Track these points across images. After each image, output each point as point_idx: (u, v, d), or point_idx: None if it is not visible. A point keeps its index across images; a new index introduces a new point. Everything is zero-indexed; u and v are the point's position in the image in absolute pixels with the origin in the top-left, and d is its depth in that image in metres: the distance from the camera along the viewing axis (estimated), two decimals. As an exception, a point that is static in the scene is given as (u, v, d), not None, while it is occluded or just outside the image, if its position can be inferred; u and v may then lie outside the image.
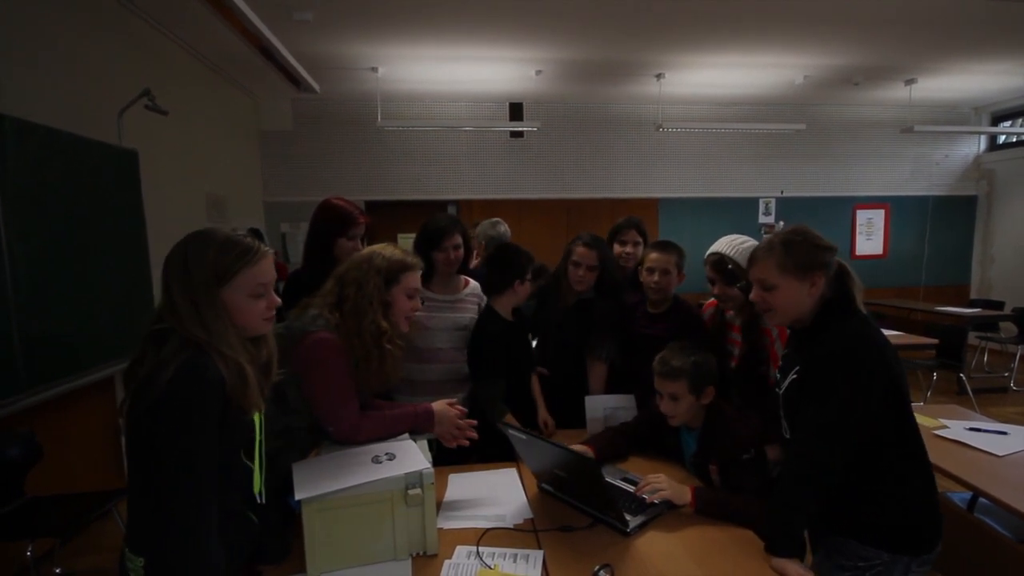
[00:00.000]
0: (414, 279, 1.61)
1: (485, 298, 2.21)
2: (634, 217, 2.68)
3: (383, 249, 1.61)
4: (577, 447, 1.77)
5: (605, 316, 2.21)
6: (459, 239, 2.11)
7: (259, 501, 1.20)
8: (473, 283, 2.26)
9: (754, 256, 1.44)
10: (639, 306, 2.23)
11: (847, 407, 1.27)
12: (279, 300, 1.18)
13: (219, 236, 1.10)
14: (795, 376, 1.38)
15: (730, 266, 1.88)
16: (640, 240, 2.60)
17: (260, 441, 1.20)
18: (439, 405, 1.65)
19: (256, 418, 1.17)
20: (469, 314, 2.18)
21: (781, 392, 1.44)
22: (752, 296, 1.46)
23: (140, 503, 1.05)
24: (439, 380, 2.10)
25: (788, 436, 1.42)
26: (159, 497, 1.00)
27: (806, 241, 1.37)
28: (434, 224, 2.10)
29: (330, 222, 2.09)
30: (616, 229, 2.63)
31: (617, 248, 2.57)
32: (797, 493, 1.31)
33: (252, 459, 1.17)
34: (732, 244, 1.92)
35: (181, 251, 1.08)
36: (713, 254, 1.95)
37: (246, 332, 1.13)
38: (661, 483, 1.55)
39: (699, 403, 1.70)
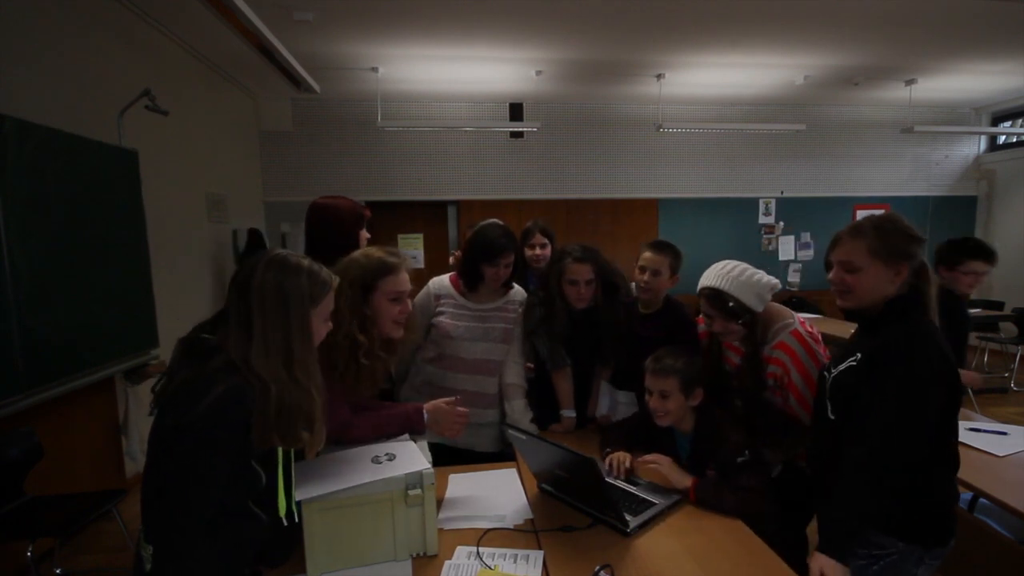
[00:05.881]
0: (395, 282, 1.54)
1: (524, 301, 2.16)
2: (539, 220, 2.89)
3: (361, 256, 1.56)
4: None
5: (614, 322, 2.09)
6: (512, 257, 2.04)
7: (285, 524, 1.17)
8: (515, 289, 2.18)
9: (839, 238, 1.43)
10: (631, 306, 2.16)
11: (922, 409, 1.27)
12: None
13: (304, 263, 1.13)
14: (853, 362, 1.38)
15: (731, 304, 1.74)
16: (547, 242, 2.83)
17: (286, 463, 1.18)
18: (431, 404, 1.65)
19: None
20: (504, 324, 2.09)
21: (831, 376, 1.44)
22: (831, 276, 1.45)
23: (152, 495, 1.07)
24: (473, 391, 2.04)
25: (832, 418, 1.42)
26: (168, 495, 1.03)
27: (898, 229, 1.38)
28: (491, 239, 2.01)
29: (351, 219, 2.07)
30: (524, 233, 2.81)
31: (527, 252, 2.77)
32: (864, 494, 1.29)
33: (266, 467, 1.15)
34: (725, 276, 1.77)
35: (273, 278, 1.08)
36: (706, 288, 1.79)
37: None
38: (662, 464, 1.63)
39: (688, 404, 1.71)
